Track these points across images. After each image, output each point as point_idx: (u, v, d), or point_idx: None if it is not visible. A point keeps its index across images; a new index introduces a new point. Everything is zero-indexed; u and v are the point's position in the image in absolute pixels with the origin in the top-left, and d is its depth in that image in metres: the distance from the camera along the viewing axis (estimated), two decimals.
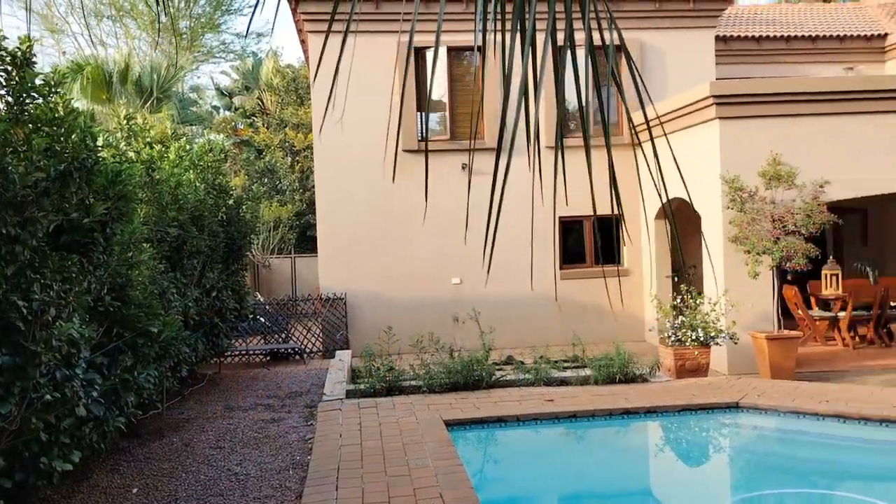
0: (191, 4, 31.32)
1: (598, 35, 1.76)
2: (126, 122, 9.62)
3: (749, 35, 16.32)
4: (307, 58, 15.27)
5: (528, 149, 1.61)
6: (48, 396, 5.14)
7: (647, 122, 1.76)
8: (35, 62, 5.21)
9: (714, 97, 10.47)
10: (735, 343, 10.11)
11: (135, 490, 6.27)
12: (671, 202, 11.57)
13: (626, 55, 1.74)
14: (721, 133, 10.55)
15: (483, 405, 8.68)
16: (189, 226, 9.39)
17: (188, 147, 10.69)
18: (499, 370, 10.22)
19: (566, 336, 11.74)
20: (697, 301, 10.24)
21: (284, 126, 24.11)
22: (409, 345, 10.80)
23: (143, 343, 7.06)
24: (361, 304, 13.30)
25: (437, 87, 13.79)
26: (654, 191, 11.63)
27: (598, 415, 8.40)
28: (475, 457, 8.14)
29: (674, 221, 1.93)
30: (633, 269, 13.70)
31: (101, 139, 7.96)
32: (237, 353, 12.76)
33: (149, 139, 9.82)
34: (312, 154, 14.94)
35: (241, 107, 29.21)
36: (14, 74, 5.12)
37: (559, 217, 13.52)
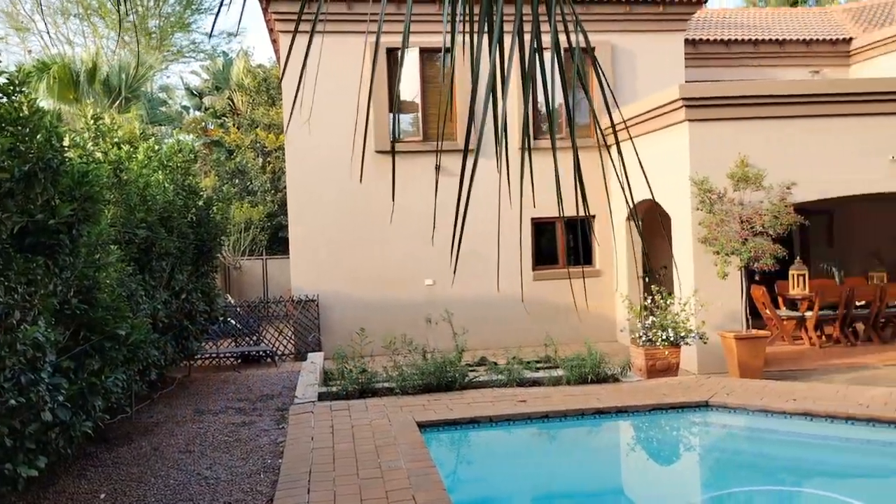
0: (160, 3, 30.97)
1: (565, 37, 1.77)
2: (93, 122, 9.48)
3: (718, 38, 16.53)
4: (278, 58, 15.18)
5: (496, 150, 1.61)
6: (13, 401, 5.04)
7: (613, 126, 1.77)
8: None
9: (683, 100, 10.59)
10: (705, 343, 10.23)
11: (102, 496, 6.17)
12: (643, 203, 11.66)
13: (593, 58, 1.75)
14: (690, 135, 10.67)
15: (456, 406, 8.68)
16: (158, 227, 9.28)
17: (157, 147, 10.57)
18: (472, 371, 10.24)
19: (539, 337, 11.79)
20: (668, 301, 10.35)
21: (255, 126, 23.92)
22: (382, 346, 10.77)
23: (111, 346, 6.95)
24: (334, 306, 13.23)
25: (410, 88, 13.78)
26: (628, 191, 11.82)
27: (571, 415, 8.45)
28: (448, 458, 8.14)
29: (639, 224, 1.95)
30: (605, 270, 13.80)
31: (68, 139, 7.85)
32: (207, 356, 12.63)
33: (117, 139, 9.69)
34: (284, 155, 14.88)
35: (212, 107, 28.93)
36: None
37: (532, 218, 13.58)
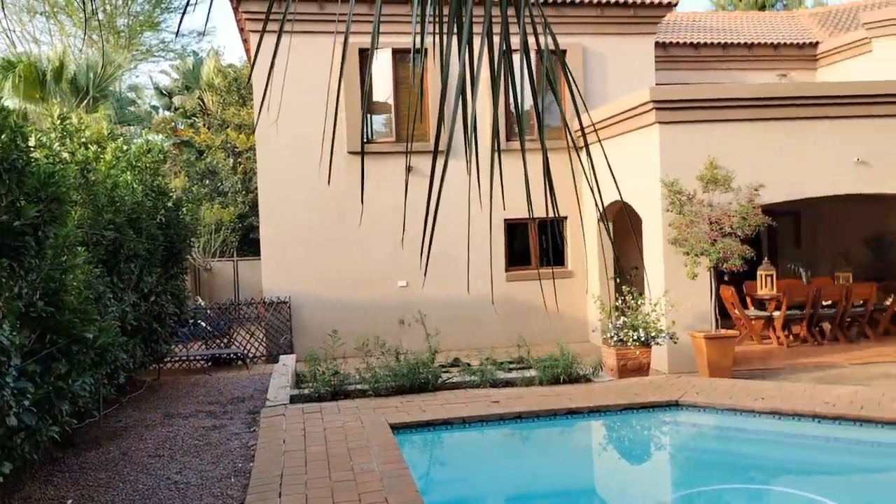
0: (129, 2, 30.57)
1: (535, 39, 1.78)
2: (60, 122, 9.33)
3: (688, 42, 16.73)
4: (249, 57, 15.05)
5: (466, 151, 1.61)
6: None
7: (582, 128, 1.78)
8: None
9: (654, 102, 10.70)
10: (675, 343, 10.33)
11: (69, 501, 6.07)
12: (614, 205, 11.73)
13: (562, 61, 1.76)
14: (661, 137, 10.78)
15: (429, 408, 8.67)
16: (126, 228, 9.16)
17: (125, 148, 10.44)
18: (445, 372, 10.24)
19: (512, 337, 11.83)
20: (639, 302, 10.44)
21: (226, 127, 23.71)
22: (355, 348, 10.73)
23: (78, 350, 6.84)
24: (306, 308, 13.16)
25: (383, 89, 13.75)
26: (597, 193, 11.89)
27: (543, 415, 8.49)
28: (421, 460, 8.13)
29: (608, 225, 1.96)
30: (577, 271, 13.89)
31: (34, 139, 7.70)
32: (177, 359, 12.49)
33: (84, 139, 9.55)
34: (255, 155, 14.75)
35: (182, 107, 28.62)
36: None
37: (505, 219, 13.63)
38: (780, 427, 8.11)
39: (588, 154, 1.72)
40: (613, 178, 2.05)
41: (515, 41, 1.71)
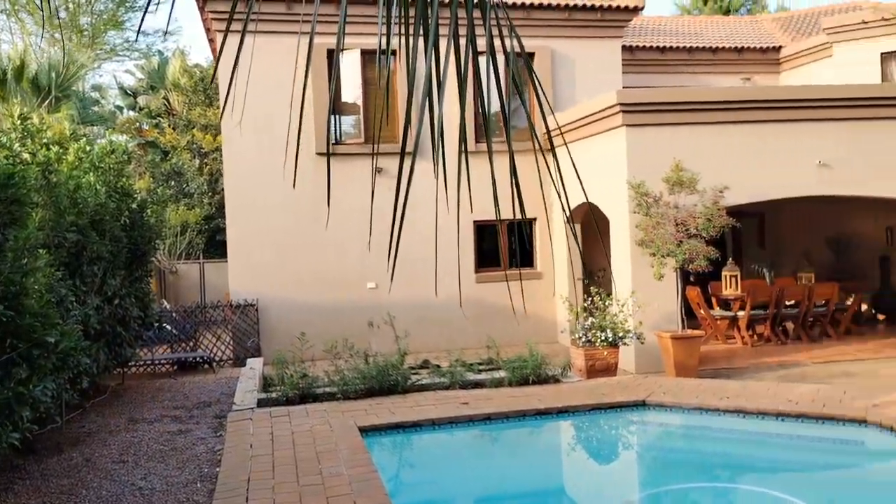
0: (92, 0, 30.06)
1: (500, 42, 1.78)
2: (20, 122, 9.13)
3: (654, 45, 16.93)
4: (216, 57, 14.87)
5: (433, 153, 1.61)
6: None
7: (548, 131, 1.79)
8: None
9: (620, 105, 10.80)
10: (642, 343, 10.44)
11: None
12: (583, 206, 11.80)
13: (527, 63, 1.77)
14: (628, 140, 10.89)
15: (398, 410, 8.65)
16: (89, 231, 9.01)
17: (88, 148, 10.25)
18: (414, 374, 10.21)
19: (482, 338, 11.84)
20: (606, 303, 10.52)
21: (192, 127, 23.41)
22: (324, 351, 10.66)
23: (39, 354, 6.70)
24: (274, 311, 13.04)
25: (351, 90, 13.69)
26: (564, 196, 11.93)
27: (512, 416, 8.51)
28: (391, 463, 8.10)
29: (574, 227, 1.97)
30: (546, 273, 13.96)
31: None
32: (142, 363, 12.29)
33: (46, 140, 9.36)
34: (221, 156, 14.59)
35: (147, 107, 28.21)
36: None
37: (474, 221, 13.65)
38: (745, 425, 8.23)
39: (554, 157, 1.73)
40: (580, 181, 2.06)
41: (483, 43, 1.71)
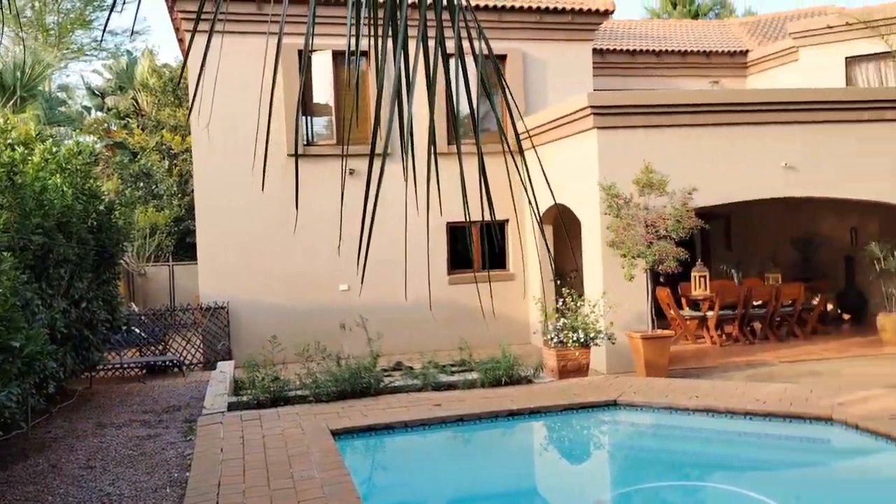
0: None
1: (469, 44, 1.78)
2: None
3: (624, 49, 17.08)
4: (185, 57, 14.70)
5: (402, 155, 1.61)
6: None
7: (517, 134, 1.80)
8: None
9: (591, 108, 10.88)
10: (613, 343, 10.52)
11: None
12: (554, 208, 11.86)
13: (495, 65, 1.77)
14: (599, 142, 10.97)
15: (371, 412, 8.62)
16: (55, 233, 8.87)
17: (55, 149, 10.09)
18: (387, 376, 10.19)
19: (455, 340, 11.84)
20: (578, 304, 10.59)
21: (161, 128, 23.13)
22: (296, 354, 10.58)
23: (4, 359, 6.58)
24: (245, 314, 12.93)
25: (323, 91, 13.63)
26: (539, 196, 12.00)
27: (485, 417, 8.53)
28: (363, 465, 8.07)
29: (542, 228, 1.98)
30: (519, 274, 14.01)
31: None
32: (110, 367, 12.11)
33: (10, 141, 9.21)
34: (191, 157, 14.44)
35: (115, 107, 27.81)
36: None
37: (447, 223, 13.66)
38: (714, 425, 8.33)
39: (523, 159, 1.74)
40: (548, 185, 2.07)
41: (449, 46, 1.71)
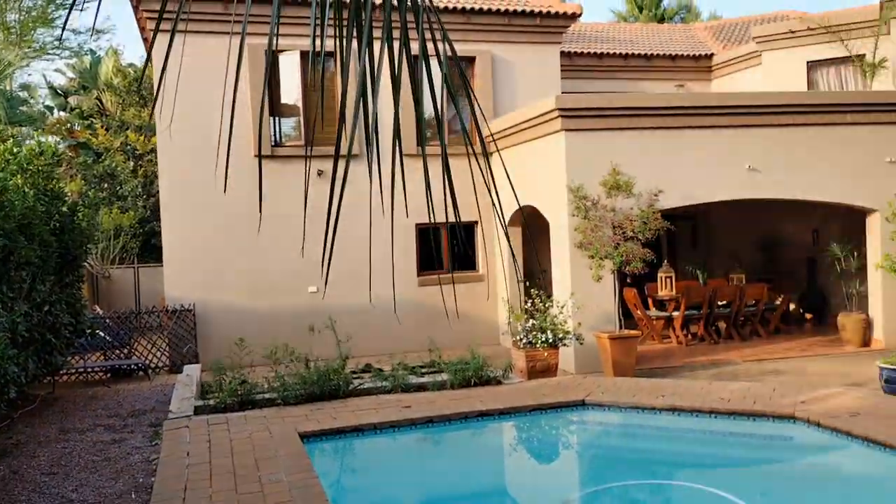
0: None
1: (434, 46, 1.79)
2: None
3: (591, 52, 17.23)
4: (150, 57, 14.51)
5: (367, 155, 1.61)
6: None
7: (481, 137, 1.81)
8: None
9: (559, 110, 10.96)
10: (581, 343, 10.60)
11: None
12: (523, 209, 11.87)
13: (458, 66, 1.78)
14: (567, 144, 11.05)
15: (340, 415, 8.58)
16: (17, 235, 8.69)
17: (16, 150, 9.90)
18: (356, 378, 10.15)
19: (425, 342, 11.83)
20: (547, 304, 10.66)
21: (126, 128, 22.78)
22: (264, 356, 10.48)
23: None
24: (212, 316, 12.78)
25: (292, 92, 13.54)
26: (507, 198, 11.89)
27: (454, 418, 8.54)
28: (332, 468, 8.03)
29: (506, 229, 2.00)
30: (489, 275, 14.06)
31: None
32: (74, 371, 11.89)
33: None
34: (157, 158, 14.25)
35: (78, 107, 27.32)
36: None
37: (416, 224, 13.65)
38: (680, 423, 8.44)
39: (487, 161, 1.75)
40: (512, 188, 2.09)
41: (414, 48, 1.72)
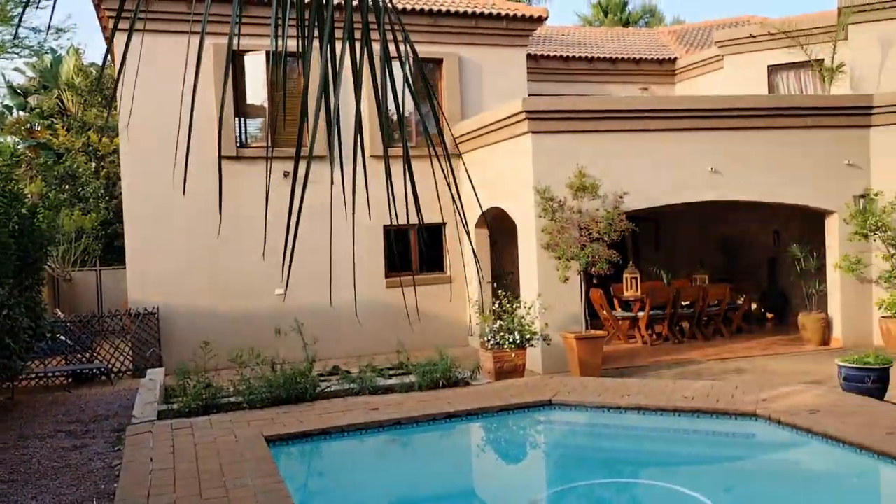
0: None
1: (395, 47, 1.80)
2: None
3: (558, 55, 17.36)
4: (113, 57, 14.29)
5: (330, 156, 1.60)
6: None
7: (442, 138, 1.81)
8: None
9: (526, 113, 11.03)
10: (548, 344, 10.67)
11: None
12: (491, 210, 11.94)
13: (419, 68, 1.79)
14: (533, 146, 11.12)
15: (307, 418, 8.52)
16: None
17: None
18: (324, 381, 10.09)
19: (393, 343, 11.81)
20: (514, 305, 10.71)
21: (88, 129, 22.38)
22: (229, 360, 10.36)
23: None
24: (176, 319, 12.61)
25: (257, 93, 13.43)
26: (474, 200, 11.93)
27: (422, 420, 8.53)
28: (298, 472, 7.97)
29: (469, 231, 2.01)
30: (457, 276, 14.08)
31: None
32: (34, 376, 11.65)
33: None
34: (119, 159, 14.02)
35: (38, 107, 26.74)
36: None
37: (384, 225, 13.61)
38: (645, 422, 8.53)
39: (449, 164, 1.76)
40: (475, 191, 2.10)
41: (376, 49, 1.72)
